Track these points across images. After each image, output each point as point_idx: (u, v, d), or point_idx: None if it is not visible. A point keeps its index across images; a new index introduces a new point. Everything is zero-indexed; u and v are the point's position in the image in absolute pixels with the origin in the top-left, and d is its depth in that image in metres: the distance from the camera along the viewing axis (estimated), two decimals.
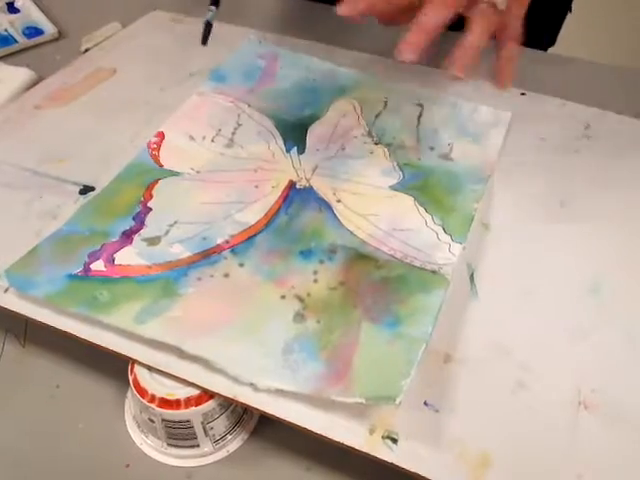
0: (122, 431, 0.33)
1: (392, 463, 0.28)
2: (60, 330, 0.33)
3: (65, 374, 0.35)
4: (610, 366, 0.32)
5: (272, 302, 0.33)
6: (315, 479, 0.31)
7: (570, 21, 0.68)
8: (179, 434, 0.31)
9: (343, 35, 0.56)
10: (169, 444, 0.31)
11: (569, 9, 0.61)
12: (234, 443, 0.32)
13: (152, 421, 0.31)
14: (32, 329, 0.36)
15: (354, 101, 0.47)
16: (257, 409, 0.30)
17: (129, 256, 0.35)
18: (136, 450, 0.32)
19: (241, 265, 0.35)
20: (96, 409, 0.33)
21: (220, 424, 0.31)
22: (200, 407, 0.30)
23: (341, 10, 0.35)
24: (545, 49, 0.62)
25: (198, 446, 0.31)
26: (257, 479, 0.31)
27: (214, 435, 0.31)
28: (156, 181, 0.40)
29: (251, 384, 0.30)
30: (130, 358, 0.31)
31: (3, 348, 0.36)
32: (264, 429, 0.33)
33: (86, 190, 0.40)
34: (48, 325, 0.33)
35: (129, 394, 0.33)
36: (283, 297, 0.33)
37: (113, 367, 0.34)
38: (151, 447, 0.32)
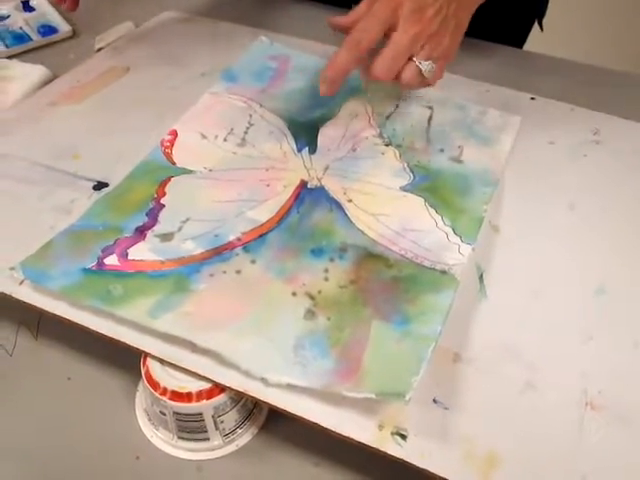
0: (133, 424, 0.33)
1: (401, 459, 0.28)
2: (74, 323, 0.33)
3: (77, 367, 0.35)
4: (617, 368, 0.33)
5: (283, 299, 0.34)
6: (323, 475, 0.31)
7: (580, 29, 0.68)
8: (190, 427, 0.31)
9: None
10: (179, 437, 0.32)
11: (540, 27, 0.62)
12: (244, 437, 0.32)
13: (163, 414, 0.31)
14: (45, 322, 0.36)
15: (365, 103, 0.48)
16: (268, 403, 0.30)
17: (142, 251, 0.36)
18: (146, 443, 0.32)
19: (253, 262, 0.35)
20: (107, 402, 0.34)
21: (230, 418, 0.32)
22: (211, 400, 0.30)
23: (323, 92, 0.40)
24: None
25: (208, 439, 0.32)
26: (266, 473, 0.32)
27: (224, 429, 0.32)
28: (169, 179, 0.41)
29: (262, 378, 0.30)
30: (143, 351, 0.32)
31: (16, 340, 0.36)
32: (273, 424, 0.33)
33: (100, 186, 0.41)
34: (62, 317, 0.33)
35: (140, 387, 0.34)
36: (294, 294, 0.34)
37: (124, 360, 0.34)
38: (161, 440, 0.32)
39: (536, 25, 0.63)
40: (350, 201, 0.40)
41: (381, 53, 0.39)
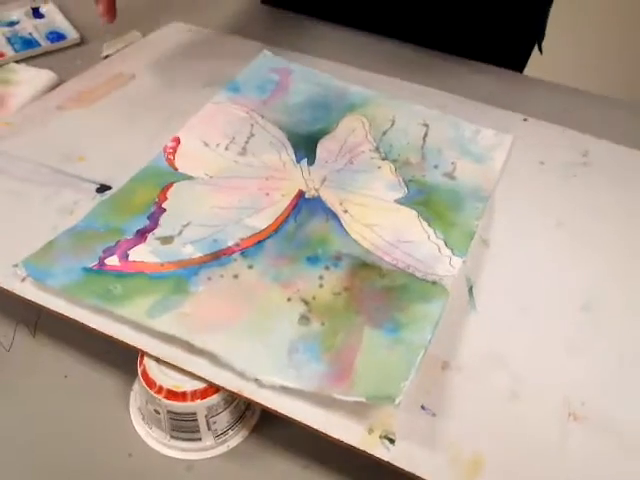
0: (127, 422, 0.34)
1: (388, 462, 0.29)
2: (73, 320, 0.34)
3: (73, 365, 0.36)
4: (600, 380, 0.34)
5: (279, 304, 0.35)
6: (312, 477, 0.32)
7: (576, 54, 0.70)
8: (183, 426, 0.32)
9: (354, 54, 0.58)
10: (172, 436, 0.32)
11: (540, 50, 0.64)
12: (235, 439, 0.33)
13: (157, 412, 0.32)
14: (43, 320, 0.37)
15: (363, 118, 0.49)
16: (260, 404, 0.31)
17: (143, 253, 0.36)
18: (140, 441, 0.33)
19: (250, 267, 0.36)
20: (102, 400, 0.34)
21: (223, 419, 0.32)
22: (205, 400, 0.31)
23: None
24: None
25: (200, 439, 0.32)
26: (255, 475, 0.32)
27: (216, 430, 0.32)
28: (171, 184, 0.42)
29: (256, 380, 0.31)
30: (140, 350, 0.32)
31: (14, 337, 0.36)
32: (264, 427, 0.34)
33: (103, 189, 0.42)
34: (61, 315, 0.34)
35: (135, 386, 0.34)
36: (289, 299, 0.35)
37: (120, 360, 0.35)
38: (154, 439, 0.33)
39: (536, 49, 0.65)
40: (346, 212, 0.41)
41: None
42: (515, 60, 0.63)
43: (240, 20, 0.63)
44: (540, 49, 0.64)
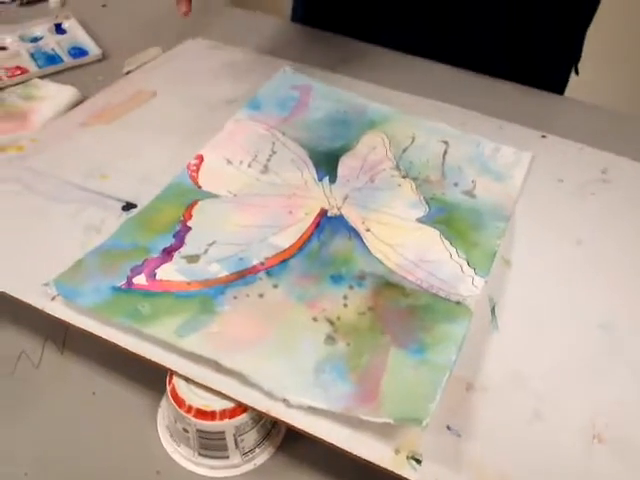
0: (154, 439, 0.34)
1: None
2: (102, 339, 0.34)
3: (101, 382, 0.36)
4: (623, 402, 0.34)
5: (304, 323, 0.35)
6: None
7: (593, 71, 0.70)
8: (211, 445, 0.32)
9: (380, 71, 0.59)
10: (200, 454, 0.33)
11: (576, 71, 0.65)
12: (261, 456, 0.34)
13: (186, 431, 0.32)
14: (71, 336, 0.37)
15: (383, 135, 0.50)
16: (289, 424, 0.31)
17: (169, 272, 0.37)
18: (167, 458, 0.33)
19: (275, 286, 0.37)
20: (130, 417, 0.35)
21: (250, 437, 0.33)
22: (234, 420, 0.32)
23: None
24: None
25: (228, 458, 0.33)
26: None
27: (244, 448, 0.33)
28: (195, 202, 0.42)
29: (284, 400, 0.31)
30: (169, 369, 0.33)
31: (42, 354, 0.37)
32: (290, 445, 0.34)
33: (129, 207, 0.42)
34: (92, 334, 0.35)
35: (163, 403, 0.35)
36: (315, 319, 0.35)
37: (147, 377, 0.35)
38: (182, 456, 0.33)
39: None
40: (368, 230, 0.41)
41: None
42: (555, 82, 0.63)
43: (260, 36, 0.64)
44: (576, 71, 0.64)
